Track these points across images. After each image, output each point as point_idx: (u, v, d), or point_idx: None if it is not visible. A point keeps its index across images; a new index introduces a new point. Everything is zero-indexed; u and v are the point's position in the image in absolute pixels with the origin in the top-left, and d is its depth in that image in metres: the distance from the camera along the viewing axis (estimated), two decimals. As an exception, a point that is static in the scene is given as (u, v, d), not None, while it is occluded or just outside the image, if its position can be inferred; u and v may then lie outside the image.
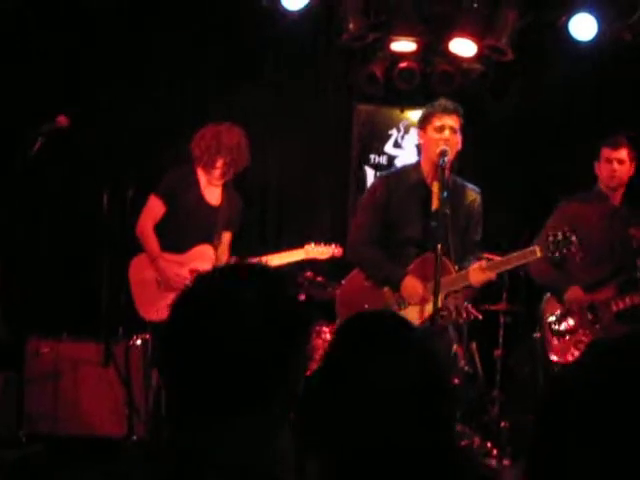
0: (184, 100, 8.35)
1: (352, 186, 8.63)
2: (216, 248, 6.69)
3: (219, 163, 6.68)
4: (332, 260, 7.26)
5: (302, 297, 7.14)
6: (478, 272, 5.59)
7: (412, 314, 5.68)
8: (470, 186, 6.03)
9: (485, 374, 7.25)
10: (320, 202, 8.69)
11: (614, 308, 6.45)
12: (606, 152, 6.76)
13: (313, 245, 6.91)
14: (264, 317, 1.93)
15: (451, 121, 5.80)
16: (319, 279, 7.27)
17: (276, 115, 8.59)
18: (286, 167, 8.67)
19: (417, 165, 6.05)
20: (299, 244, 7.05)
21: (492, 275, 5.62)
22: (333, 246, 6.98)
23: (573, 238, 5.67)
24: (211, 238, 6.69)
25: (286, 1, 7.72)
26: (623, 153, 6.72)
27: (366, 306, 5.80)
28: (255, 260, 5.72)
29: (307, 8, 7.78)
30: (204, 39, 8.25)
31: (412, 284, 5.74)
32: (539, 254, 5.67)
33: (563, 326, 6.53)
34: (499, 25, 7.98)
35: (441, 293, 5.50)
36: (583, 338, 6.41)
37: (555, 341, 6.57)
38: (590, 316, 6.49)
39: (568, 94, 8.44)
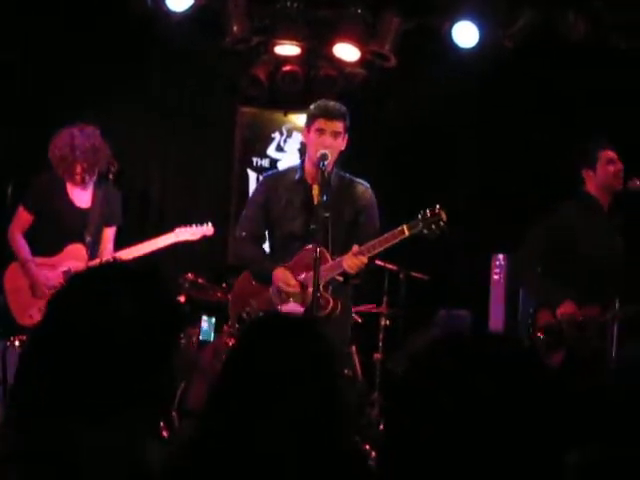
0: (64, 99, 8.22)
1: (234, 188, 8.60)
2: (89, 247, 6.61)
3: (78, 169, 6.60)
4: (214, 263, 7.23)
5: (182, 298, 7.11)
6: (350, 257, 5.61)
7: (294, 307, 5.70)
8: (358, 181, 6.05)
9: (365, 377, 7.29)
10: (202, 204, 8.65)
11: (602, 320, 6.19)
12: (607, 154, 6.43)
13: (186, 227, 6.82)
14: (132, 318, 1.90)
15: (333, 125, 5.80)
16: (200, 281, 7.23)
17: (159, 116, 8.53)
18: (168, 169, 8.62)
19: (301, 164, 6.07)
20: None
21: (364, 259, 5.62)
22: (204, 226, 6.87)
23: (443, 215, 5.69)
24: (83, 238, 6.61)
25: (170, 2, 7.66)
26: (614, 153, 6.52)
27: (253, 303, 5.84)
28: (127, 250, 5.63)
29: (191, 9, 7.73)
30: (86, 39, 8.14)
31: (281, 273, 5.79)
32: (407, 232, 5.64)
33: (552, 340, 6.35)
34: (382, 31, 8.06)
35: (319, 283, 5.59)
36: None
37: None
38: (579, 331, 6.26)
39: (450, 100, 8.57)
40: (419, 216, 5.66)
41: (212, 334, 7.32)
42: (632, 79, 8.19)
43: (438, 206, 5.68)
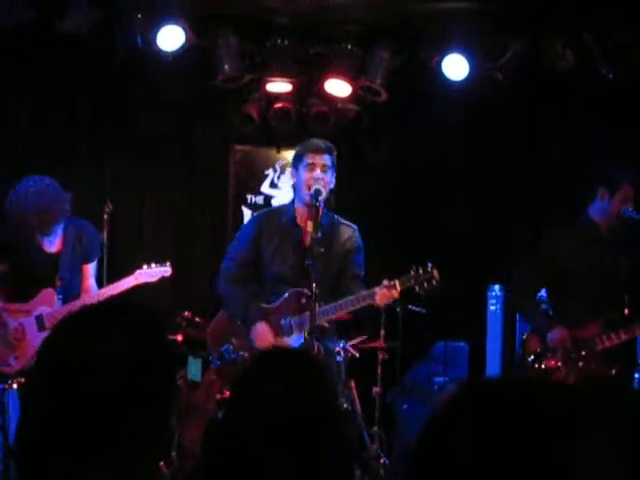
0: (56, 138, 8.26)
1: (229, 226, 8.61)
2: (59, 291, 6.65)
3: (34, 224, 6.62)
4: (211, 300, 7.21)
5: (179, 337, 7.11)
6: (383, 290, 5.63)
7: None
8: (346, 223, 6.06)
9: (364, 411, 7.28)
10: (197, 241, 8.66)
11: (599, 346, 6.21)
12: (630, 191, 6.33)
13: (145, 268, 6.80)
14: (128, 357, 1.90)
15: (322, 160, 5.83)
16: (197, 319, 7.22)
17: (152, 155, 8.56)
18: (162, 207, 8.64)
19: (290, 204, 6.09)
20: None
21: (396, 293, 5.67)
22: (163, 267, 6.84)
23: (435, 274, 5.70)
24: (53, 282, 6.65)
25: (161, 42, 7.70)
26: None
27: (234, 342, 5.84)
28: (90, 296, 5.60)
29: (182, 49, 7.77)
30: (78, 79, 8.18)
31: (261, 330, 5.81)
32: (398, 287, 5.68)
33: (544, 365, 6.32)
34: (373, 66, 8.11)
35: (303, 329, 5.63)
36: (566, 377, 6.21)
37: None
38: (573, 354, 6.25)
39: (441, 133, 8.62)
40: (411, 272, 5.69)
41: (200, 374, 7.29)
42: (620, 108, 8.25)
43: (430, 264, 5.70)
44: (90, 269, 6.86)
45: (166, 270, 6.78)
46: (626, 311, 6.31)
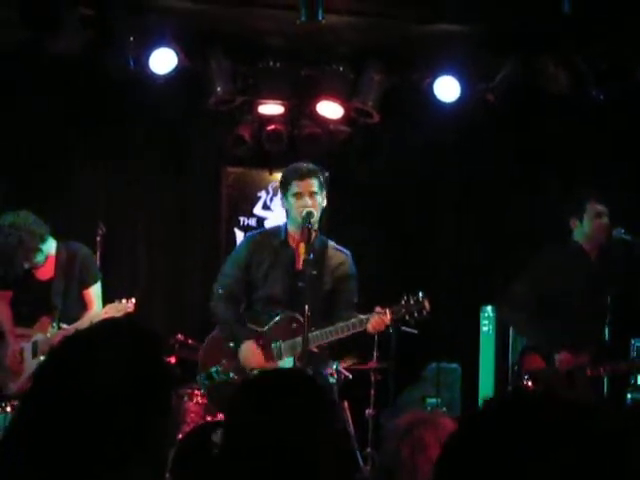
0: (50, 161, 8.27)
1: (222, 248, 8.61)
2: (55, 317, 6.67)
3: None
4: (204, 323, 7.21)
5: (173, 359, 7.09)
6: (375, 318, 5.63)
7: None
8: (338, 248, 6.06)
9: (357, 433, 7.26)
10: (190, 263, 8.66)
11: (589, 373, 6.26)
12: (595, 207, 6.48)
13: (116, 302, 6.80)
14: (124, 378, 1.90)
15: (309, 185, 5.79)
16: (190, 342, 7.21)
17: (144, 178, 8.56)
18: (155, 230, 8.63)
19: (283, 225, 6.09)
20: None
21: (387, 319, 5.68)
22: (128, 303, 6.73)
23: (426, 305, 5.70)
24: (50, 309, 6.72)
25: (154, 65, 7.72)
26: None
27: (224, 362, 5.83)
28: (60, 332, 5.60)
29: (175, 71, 7.78)
30: (70, 103, 8.18)
31: (250, 349, 5.80)
32: (389, 316, 5.68)
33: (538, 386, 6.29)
34: (365, 88, 8.14)
35: (293, 353, 5.65)
36: None
37: None
38: (567, 381, 6.27)
39: (433, 154, 8.64)
40: (402, 301, 5.69)
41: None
42: (613, 131, 8.29)
43: (421, 294, 5.71)
44: (91, 294, 6.84)
45: (129, 306, 6.76)
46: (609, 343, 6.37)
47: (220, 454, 2.30)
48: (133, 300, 6.73)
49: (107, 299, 6.84)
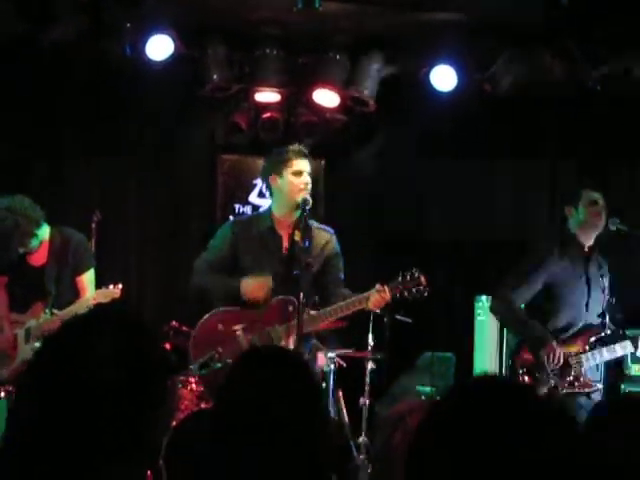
0: (45, 150, 8.25)
1: (217, 235, 8.59)
2: (48, 302, 6.66)
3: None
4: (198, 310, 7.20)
5: (167, 346, 7.09)
6: (375, 294, 5.65)
7: None
8: (321, 227, 6.06)
9: (351, 421, 7.27)
10: (184, 250, 8.63)
11: (584, 365, 6.29)
12: (591, 194, 6.46)
13: (103, 288, 6.79)
14: (120, 364, 1.90)
15: (307, 165, 5.87)
16: (184, 329, 7.21)
17: (139, 164, 8.56)
18: (149, 217, 8.62)
19: (267, 211, 6.08)
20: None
21: (387, 296, 5.70)
22: (115, 288, 6.68)
23: (422, 279, 5.73)
24: (44, 295, 6.70)
25: (150, 51, 7.71)
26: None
27: (219, 349, 5.80)
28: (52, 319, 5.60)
29: (171, 58, 7.77)
30: (64, 88, 8.17)
31: (250, 282, 5.79)
32: (388, 292, 5.70)
33: (535, 377, 6.30)
34: (361, 76, 8.14)
35: (291, 336, 5.63)
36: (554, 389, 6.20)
37: None
38: (562, 368, 6.26)
39: (429, 143, 8.63)
40: (399, 278, 5.71)
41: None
42: (609, 123, 8.30)
43: (416, 271, 5.73)
44: (84, 281, 6.82)
45: (116, 292, 6.74)
46: (608, 331, 6.37)
47: (212, 435, 2.30)
48: (120, 286, 6.72)
49: (100, 286, 6.84)
